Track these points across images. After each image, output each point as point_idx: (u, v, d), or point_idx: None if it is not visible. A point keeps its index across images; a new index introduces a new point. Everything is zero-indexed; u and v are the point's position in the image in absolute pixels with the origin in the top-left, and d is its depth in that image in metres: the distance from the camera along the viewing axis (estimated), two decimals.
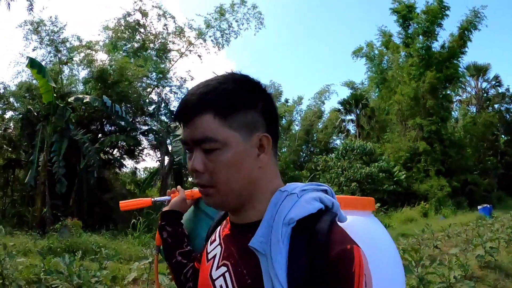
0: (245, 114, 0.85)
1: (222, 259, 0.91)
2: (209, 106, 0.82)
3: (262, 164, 0.86)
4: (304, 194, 0.85)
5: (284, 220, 0.80)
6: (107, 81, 13.55)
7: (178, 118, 0.88)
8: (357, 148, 20.40)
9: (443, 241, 9.08)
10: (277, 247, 0.78)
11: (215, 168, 0.83)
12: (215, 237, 1.00)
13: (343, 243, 0.76)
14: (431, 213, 17.81)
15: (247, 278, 0.83)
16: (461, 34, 23.52)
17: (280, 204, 0.83)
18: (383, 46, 26.32)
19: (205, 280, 0.93)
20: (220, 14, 18.24)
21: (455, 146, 22.50)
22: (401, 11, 23.81)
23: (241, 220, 0.91)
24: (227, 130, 0.82)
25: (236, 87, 0.86)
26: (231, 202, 0.87)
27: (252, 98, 0.87)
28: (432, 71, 21.80)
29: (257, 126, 0.86)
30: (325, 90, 32.02)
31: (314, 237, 0.77)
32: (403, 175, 19.85)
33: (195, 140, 0.84)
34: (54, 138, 12.13)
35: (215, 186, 0.85)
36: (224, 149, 0.82)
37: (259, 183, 0.87)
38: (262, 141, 0.86)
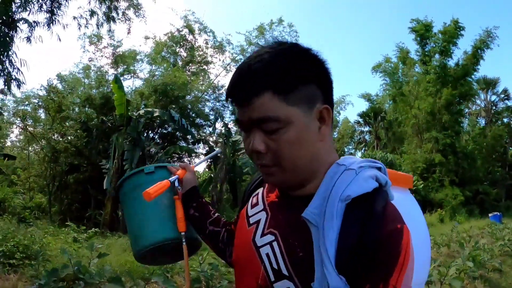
0: (303, 88, 0.85)
1: (269, 227, 0.93)
2: (267, 85, 0.82)
3: (323, 137, 0.88)
4: (362, 171, 0.86)
5: (341, 196, 0.81)
6: (169, 95, 16.15)
7: (234, 98, 0.88)
8: (379, 159, 23.07)
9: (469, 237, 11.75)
10: (330, 222, 0.80)
11: (279, 147, 0.84)
12: (257, 201, 1.02)
13: (395, 222, 0.81)
14: (446, 220, 20.48)
15: (298, 250, 0.85)
16: (474, 52, 26.21)
17: (338, 178, 0.85)
18: (399, 62, 29.13)
19: (247, 245, 0.96)
20: (260, 32, 21.00)
21: (467, 158, 25.24)
22: (419, 30, 26.57)
23: (295, 193, 0.92)
24: (287, 107, 0.83)
25: (291, 60, 0.85)
26: (295, 180, 0.89)
27: (308, 71, 0.86)
28: (448, 88, 24.57)
29: (316, 98, 0.87)
30: (341, 101, 34.89)
31: (369, 215, 0.80)
32: (421, 184, 22.55)
33: (255, 120, 0.84)
34: (126, 147, 14.61)
35: (279, 165, 0.86)
36: (287, 127, 0.83)
37: (320, 157, 0.89)
38: (323, 113, 0.87)
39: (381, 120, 31.44)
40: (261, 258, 0.91)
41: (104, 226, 13.38)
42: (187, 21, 20.08)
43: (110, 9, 10.90)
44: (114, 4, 10.86)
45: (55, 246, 7.70)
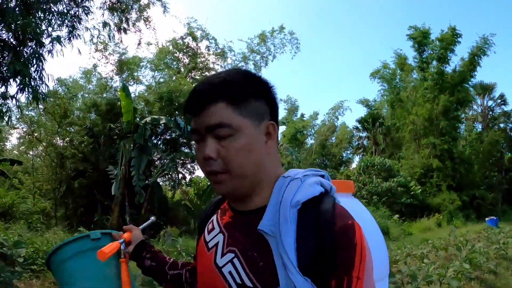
0: (255, 103, 0.95)
1: (227, 246, 0.98)
2: (222, 95, 0.92)
3: (269, 150, 0.97)
4: (306, 179, 0.95)
5: (291, 202, 0.89)
6: (174, 102, 16.69)
7: (191, 108, 0.96)
8: (378, 164, 23.72)
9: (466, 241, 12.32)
10: (286, 227, 0.87)
11: (229, 154, 0.91)
12: (213, 226, 1.08)
13: (346, 218, 0.89)
14: (444, 224, 21.08)
15: (258, 260, 0.91)
16: (471, 59, 26.94)
17: (285, 188, 0.93)
18: (397, 68, 29.81)
19: (209, 269, 1.00)
20: (262, 39, 21.58)
21: (464, 163, 25.91)
22: (417, 37, 27.27)
23: (245, 207, 0.99)
24: (239, 117, 0.92)
25: (245, 78, 0.97)
26: (242, 188, 0.96)
27: (259, 89, 0.98)
28: (446, 95, 25.26)
29: (265, 114, 0.97)
30: (339, 106, 35.53)
31: (320, 215, 0.88)
32: (419, 189, 23.16)
33: (209, 126, 0.92)
34: (133, 154, 15.09)
35: (229, 171, 0.93)
36: (237, 135, 0.91)
37: (266, 169, 0.97)
38: (269, 129, 0.97)
39: (379, 126, 32.12)
40: (224, 278, 0.95)
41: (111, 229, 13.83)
42: (190, 29, 20.62)
43: (121, 20, 11.42)
44: (126, 16, 11.38)
45: None
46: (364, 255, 0.85)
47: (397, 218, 19.17)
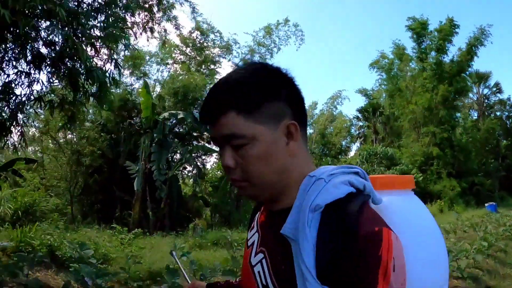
0: (269, 105, 0.90)
1: (260, 246, 1.00)
2: (231, 105, 0.88)
3: (292, 151, 0.92)
4: (332, 179, 0.88)
5: (310, 206, 0.84)
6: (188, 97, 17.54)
7: (204, 121, 0.94)
8: (380, 153, 24.88)
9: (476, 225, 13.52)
10: (304, 233, 0.83)
11: (246, 163, 0.90)
12: (253, 224, 1.09)
13: (372, 225, 0.80)
14: (445, 210, 22.35)
15: (281, 264, 0.90)
16: (468, 49, 28.12)
17: (309, 189, 0.88)
18: (396, 58, 30.89)
19: (246, 267, 1.03)
20: (267, 32, 22.45)
21: (463, 151, 27.23)
22: (415, 28, 28.32)
23: (276, 206, 0.97)
24: (252, 125, 0.88)
25: (257, 80, 0.91)
26: (265, 194, 0.94)
27: (274, 89, 0.91)
28: (445, 85, 26.45)
29: (283, 115, 0.91)
30: (337, 96, 36.62)
31: (342, 220, 0.81)
32: (420, 177, 24.39)
33: (223, 136, 0.91)
34: (153, 149, 15.82)
35: (248, 180, 0.91)
36: (252, 143, 0.88)
37: (291, 171, 0.93)
38: (290, 129, 0.91)
39: (379, 115, 33.34)
40: (255, 277, 0.96)
41: (133, 225, 14.21)
42: (198, 23, 21.37)
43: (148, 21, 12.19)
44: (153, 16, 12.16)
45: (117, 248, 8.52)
46: (389, 268, 0.77)
47: None
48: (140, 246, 9.10)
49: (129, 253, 8.02)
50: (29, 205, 12.51)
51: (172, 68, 21.64)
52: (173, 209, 16.48)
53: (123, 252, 8.24)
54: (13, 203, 11.58)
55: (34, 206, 12.64)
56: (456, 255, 6.18)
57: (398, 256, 0.80)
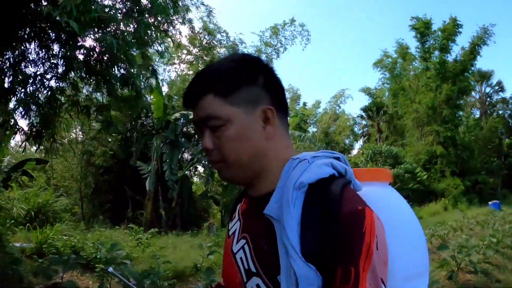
0: (246, 90, 0.95)
1: (242, 232, 1.02)
2: (208, 88, 0.94)
3: (269, 135, 0.96)
4: (315, 160, 0.93)
5: (295, 184, 0.87)
6: None
7: (186, 104, 1.01)
8: (385, 152, 25.41)
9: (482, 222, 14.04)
10: (288, 210, 0.85)
11: (222, 144, 0.94)
12: (235, 215, 1.12)
13: (355, 204, 0.84)
14: (449, 208, 22.89)
15: (263, 245, 0.92)
16: (472, 49, 28.68)
17: (292, 170, 0.91)
18: (399, 57, 31.42)
19: (228, 256, 1.04)
20: (274, 33, 22.92)
21: (466, 150, 27.80)
22: (419, 28, 28.83)
23: (257, 192, 1.00)
24: (229, 107, 0.93)
25: (234, 66, 0.98)
26: (242, 175, 0.98)
27: (251, 75, 0.97)
28: (448, 84, 27.00)
29: (260, 100, 0.96)
30: (340, 95, 37.11)
31: (326, 198, 0.84)
32: (424, 175, 24.92)
33: (201, 119, 0.96)
34: (164, 149, 16.17)
35: (225, 161, 0.96)
36: (228, 125, 0.93)
37: (268, 154, 0.97)
38: (267, 114, 0.96)
39: (383, 114, 33.90)
40: (237, 264, 0.98)
41: (145, 225, 14.46)
42: (205, 23, 21.80)
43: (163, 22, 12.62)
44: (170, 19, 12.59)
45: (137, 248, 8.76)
46: (372, 244, 0.79)
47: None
48: (161, 245, 9.43)
49: (150, 252, 8.32)
50: (41, 205, 12.40)
51: (179, 68, 22.06)
52: (184, 209, 16.88)
53: (143, 252, 8.55)
54: (25, 203, 11.51)
55: (46, 207, 12.56)
56: (468, 250, 6.68)
57: (380, 235, 0.83)
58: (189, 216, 17.07)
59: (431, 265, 6.79)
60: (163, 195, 16.10)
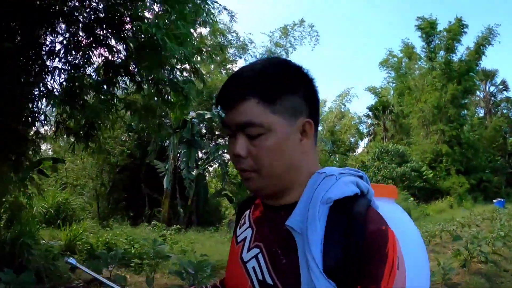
0: (289, 99, 0.91)
1: (254, 241, 0.99)
2: (253, 91, 0.89)
3: (305, 149, 0.94)
4: (342, 177, 0.92)
5: (322, 199, 0.87)
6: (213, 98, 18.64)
7: (222, 103, 0.95)
8: (391, 151, 26.16)
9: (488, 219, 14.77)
10: (313, 225, 0.85)
11: (259, 153, 0.90)
12: (244, 221, 1.09)
13: (379, 223, 0.84)
14: (455, 206, 23.63)
15: (282, 258, 0.90)
16: (476, 49, 29.42)
17: (318, 184, 0.91)
18: (404, 56, 32.16)
19: (235, 263, 1.01)
20: (283, 33, 23.67)
21: (471, 149, 28.57)
22: (424, 28, 29.56)
23: (277, 202, 0.98)
24: (271, 115, 0.89)
25: (280, 72, 0.94)
26: (272, 187, 0.94)
27: (295, 84, 0.94)
28: (454, 84, 27.76)
29: (300, 111, 0.93)
30: (345, 94, 37.83)
31: (351, 217, 0.84)
32: (430, 174, 25.67)
33: (239, 124, 0.91)
34: (182, 148, 16.71)
35: (258, 171, 0.92)
36: (268, 134, 0.89)
37: (300, 168, 0.95)
38: (305, 127, 0.93)
39: (389, 113, 34.71)
40: (248, 273, 0.96)
41: (163, 222, 14.89)
42: (215, 24, 22.48)
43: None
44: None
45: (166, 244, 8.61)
46: (395, 265, 0.81)
47: (412, 201, 21.61)
48: (186, 241, 9.98)
49: (179, 247, 8.86)
50: (60, 204, 12.68)
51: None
52: (200, 206, 17.49)
53: (171, 247, 8.89)
54: (44, 202, 11.75)
55: (65, 205, 12.85)
56: (479, 241, 7.46)
57: (401, 255, 0.84)
58: (204, 213, 17.68)
59: (446, 256, 7.54)
60: (181, 193, 16.70)
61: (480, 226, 13.68)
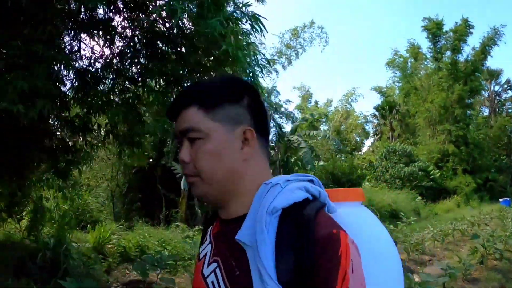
0: (229, 108, 0.97)
1: (213, 256, 1.01)
2: (193, 100, 0.97)
3: (246, 156, 0.97)
4: (288, 185, 0.93)
5: (268, 209, 0.87)
6: None
7: (169, 116, 1.02)
8: (399, 150, 26.82)
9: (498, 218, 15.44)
10: (261, 236, 0.85)
11: (198, 157, 0.95)
12: (206, 237, 1.11)
13: (329, 228, 0.84)
14: (462, 205, 24.30)
15: (236, 270, 0.92)
16: (482, 49, 30.07)
17: (265, 195, 0.91)
18: (410, 56, 32.82)
19: (198, 279, 1.03)
20: (294, 35, 24.27)
21: (477, 148, 29.25)
22: (431, 29, 30.19)
23: (228, 215, 1.00)
24: (210, 122, 0.95)
25: (221, 84, 1.02)
26: (214, 193, 0.98)
27: (236, 94, 0.99)
28: (460, 84, 28.41)
29: (241, 119, 0.98)
30: (351, 93, 38.51)
31: (300, 223, 0.84)
32: (437, 173, 26.34)
33: (181, 131, 0.98)
34: None
35: (199, 175, 0.96)
36: (207, 139, 0.95)
37: (243, 176, 0.98)
38: (246, 134, 0.97)
39: (396, 113, 35.41)
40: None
41: (180, 222, 15.03)
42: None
43: None
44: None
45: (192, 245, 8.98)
46: (347, 270, 0.80)
47: (420, 200, 22.28)
48: None
49: None
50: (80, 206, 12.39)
51: None
52: None
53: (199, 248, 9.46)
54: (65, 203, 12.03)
55: (83, 207, 12.73)
56: (494, 239, 8.14)
57: (355, 258, 0.84)
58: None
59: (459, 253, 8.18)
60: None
61: (488, 225, 14.33)
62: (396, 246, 1.15)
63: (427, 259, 9.22)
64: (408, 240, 9.77)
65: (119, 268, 7.20)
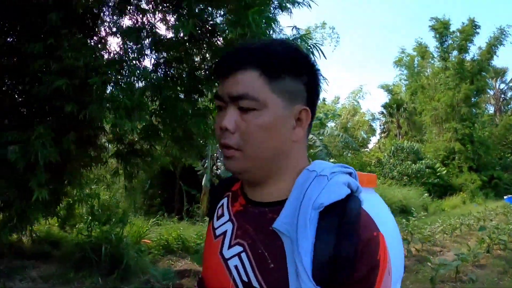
0: (291, 81, 0.90)
1: (236, 238, 0.96)
2: (256, 63, 0.87)
3: (296, 138, 0.93)
4: (333, 177, 0.91)
5: (314, 204, 0.85)
6: None
7: (220, 70, 0.92)
8: (406, 148, 28.09)
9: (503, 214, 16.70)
10: (304, 231, 0.83)
11: (248, 129, 0.88)
12: (223, 212, 1.05)
13: (371, 229, 0.86)
14: (467, 202, 25.54)
15: (269, 262, 0.88)
16: (488, 49, 31.24)
17: (309, 185, 0.89)
18: (418, 55, 34.04)
19: (215, 258, 0.98)
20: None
21: (483, 146, 30.51)
22: (438, 28, 31.38)
23: (260, 197, 0.96)
24: (269, 92, 0.87)
25: (288, 52, 0.92)
26: (255, 171, 0.92)
27: (300, 68, 0.92)
28: (466, 83, 29.66)
29: (299, 97, 0.92)
30: (358, 90, 39.64)
31: (344, 222, 0.84)
32: (444, 170, 27.59)
33: (233, 95, 0.88)
34: (219, 148, 18.39)
35: (243, 149, 0.89)
36: (262, 111, 0.87)
37: (288, 158, 0.93)
38: (301, 114, 0.92)
39: (403, 111, 36.72)
40: (229, 271, 0.94)
41: (202, 218, 16.08)
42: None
43: None
44: None
45: None
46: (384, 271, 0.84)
47: (427, 196, 23.53)
48: None
49: None
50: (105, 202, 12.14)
51: None
52: None
53: None
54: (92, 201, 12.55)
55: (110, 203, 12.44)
56: (499, 232, 9.45)
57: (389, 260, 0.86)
58: None
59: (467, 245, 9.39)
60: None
61: (493, 220, 15.53)
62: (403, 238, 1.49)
63: (438, 249, 10.37)
64: (422, 232, 11.00)
65: (163, 259, 7.79)
